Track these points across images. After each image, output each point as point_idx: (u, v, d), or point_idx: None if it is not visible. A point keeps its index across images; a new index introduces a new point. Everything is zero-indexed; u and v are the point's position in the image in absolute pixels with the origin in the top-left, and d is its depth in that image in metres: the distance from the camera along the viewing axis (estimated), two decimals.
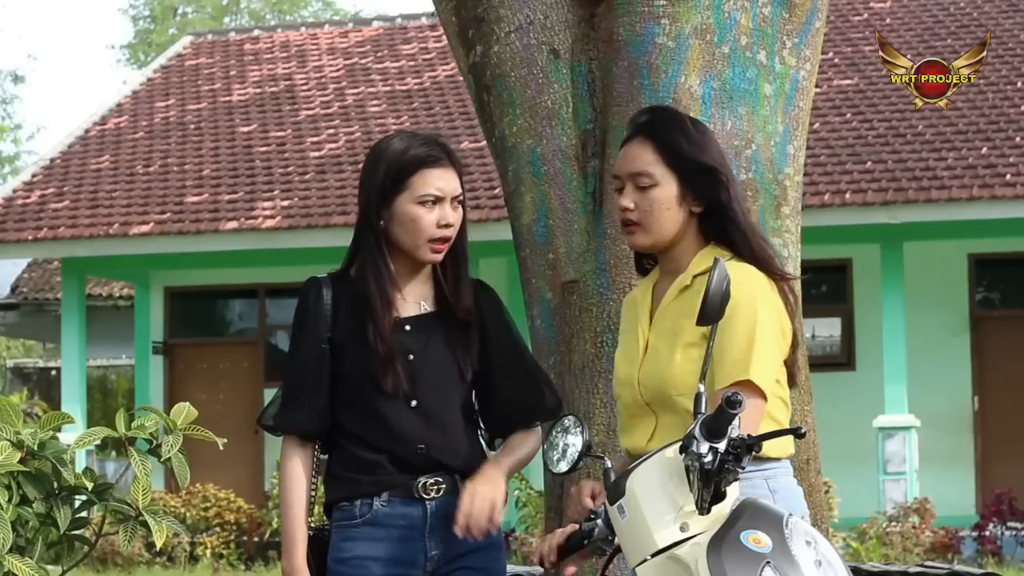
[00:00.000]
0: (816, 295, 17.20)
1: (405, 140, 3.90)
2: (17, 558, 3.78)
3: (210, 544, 16.32)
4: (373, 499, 3.83)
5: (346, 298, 3.88)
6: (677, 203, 3.57)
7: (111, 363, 29.17)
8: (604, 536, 3.30)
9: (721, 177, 3.57)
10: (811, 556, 3.04)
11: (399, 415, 3.82)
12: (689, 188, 3.57)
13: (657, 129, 3.61)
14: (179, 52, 22.55)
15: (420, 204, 3.82)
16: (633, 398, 3.59)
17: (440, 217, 3.82)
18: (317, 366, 3.88)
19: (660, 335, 3.58)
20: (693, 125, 3.65)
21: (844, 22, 19.46)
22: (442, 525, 3.80)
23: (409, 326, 3.86)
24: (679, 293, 3.58)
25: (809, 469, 4.30)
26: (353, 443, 3.88)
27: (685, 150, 3.58)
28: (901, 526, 15.10)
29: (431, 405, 3.83)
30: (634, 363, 3.60)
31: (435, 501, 3.82)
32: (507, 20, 4.50)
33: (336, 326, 3.87)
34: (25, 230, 17.86)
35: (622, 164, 3.63)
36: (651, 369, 3.56)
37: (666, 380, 3.51)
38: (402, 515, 3.82)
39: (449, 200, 3.83)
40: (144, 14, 44.41)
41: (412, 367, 3.83)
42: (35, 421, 3.99)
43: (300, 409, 3.90)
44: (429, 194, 3.81)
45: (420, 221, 3.82)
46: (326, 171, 18.05)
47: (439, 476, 3.82)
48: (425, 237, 3.83)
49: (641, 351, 3.60)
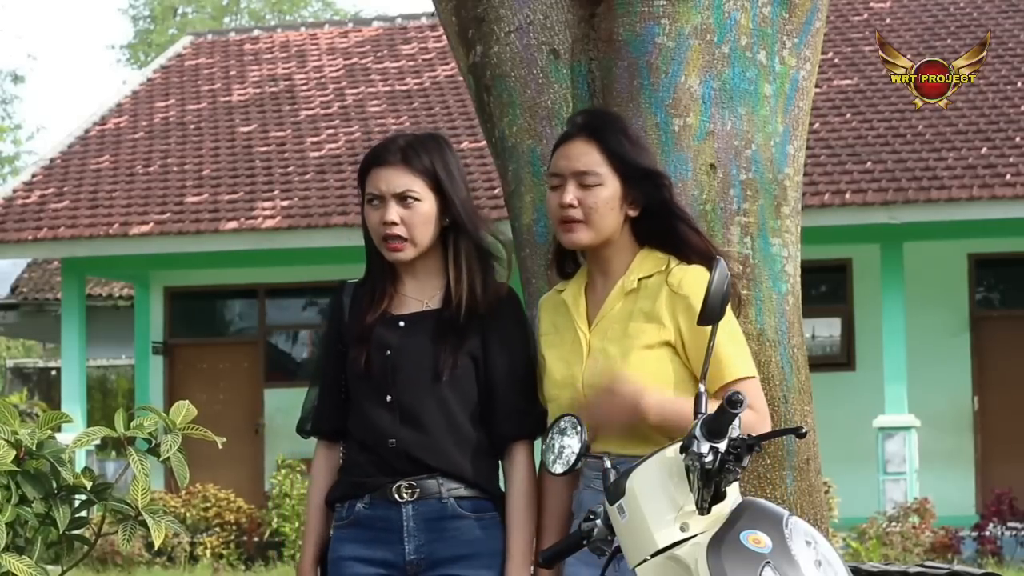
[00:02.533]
0: (816, 295, 17.19)
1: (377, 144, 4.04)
2: (16, 558, 3.78)
3: (210, 544, 16.32)
4: (357, 501, 3.87)
5: (359, 299, 3.96)
6: (619, 204, 3.69)
7: (111, 363, 29.17)
8: (603, 536, 3.29)
9: (663, 181, 3.72)
10: (811, 556, 3.04)
11: (375, 409, 3.85)
12: (630, 190, 3.68)
13: (601, 132, 3.73)
14: (179, 52, 22.55)
15: (368, 204, 3.92)
16: (573, 399, 3.64)
17: (382, 215, 3.88)
18: (331, 368, 3.97)
19: (608, 338, 3.64)
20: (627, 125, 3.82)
21: (844, 22, 19.46)
22: (422, 529, 3.80)
23: (403, 323, 3.90)
24: (624, 296, 3.65)
25: (809, 469, 4.29)
26: (350, 443, 3.94)
27: (628, 153, 3.70)
28: (901, 526, 15.10)
29: (405, 400, 3.84)
30: (574, 364, 3.67)
31: (411, 505, 3.81)
32: (507, 20, 4.50)
33: (347, 327, 3.96)
34: (25, 230, 17.86)
35: (565, 162, 3.73)
36: (600, 369, 3.61)
37: (619, 379, 3.57)
38: (381, 518, 3.84)
39: (391, 198, 3.86)
40: (144, 14, 44.42)
41: (389, 361, 3.85)
42: (34, 421, 3.98)
43: (319, 411, 4.00)
44: (370, 193, 3.91)
45: (369, 221, 3.93)
46: (326, 171, 18.05)
47: (413, 480, 3.81)
48: (377, 236, 3.90)
49: (584, 353, 3.65)
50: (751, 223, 4.27)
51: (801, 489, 4.24)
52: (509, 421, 3.87)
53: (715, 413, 3.05)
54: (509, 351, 3.88)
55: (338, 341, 3.95)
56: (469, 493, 3.84)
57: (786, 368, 4.25)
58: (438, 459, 3.82)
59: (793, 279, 4.37)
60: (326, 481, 3.96)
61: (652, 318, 3.59)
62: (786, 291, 4.32)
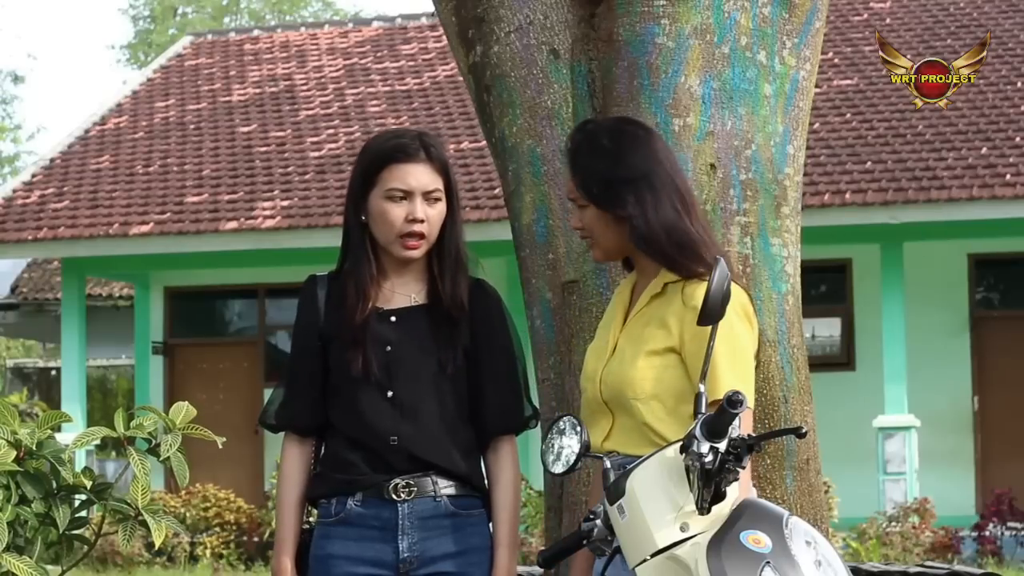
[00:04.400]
0: (816, 295, 17.19)
1: (385, 136, 3.95)
2: (16, 557, 3.78)
3: (210, 544, 16.32)
4: (348, 498, 3.83)
5: (337, 294, 3.90)
6: (606, 221, 3.65)
7: (111, 363, 29.17)
8: (603, 536, 3.29)
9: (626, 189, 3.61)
10: (811, 556, 3.04)
11: (374, 406, 3.82)
12: (604, 207, 3.64)
13: (572, 156, 3.72)
14: (179, 52, 22.55)
15: (388, 199, 3.84)
16: (594, 395, 3.66)
17: (408, 212, 3.82)
18: (311, 362, 3.91)
19: (628, 338, 3.65)
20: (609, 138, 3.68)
21: (844, 22, 19.45)
22: (416, 527, 3.80)
23: (394, 317, 3.87)
24: (650, 300, 3.65)
25: (809, 469, 4.29)
26: (335, 439, 3.89)
27: (589, 176, 3.65)
28: (901, 526, 15.10)
29: (407, 396, 3.82)
30: (601, 360, 3.67)
31: (407, 503, 3.80)
32: (507, 20, 4.50)
33: (327, 321, 3.90)
34: (25, 230, 17.86)
35: (568, 184, 3.75)
36: (614, 369, 3.62)
37: (625, 382, 3.58)
38: (375, 516, 3.81)
39: (420, 195, 3.83)
40: (144, 14, 44.42)
41: (389, 357, 3.83)
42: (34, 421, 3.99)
43: (295, 405, 3.92)
44: (395, 188, 3.83)
45: (387, 216, 3.84)
46: (326, 171, 18.05)
47: (411, 478, 3.80)
48: (394, 232, 3.84)
49: (610, 350, 3.66)
50: (751, 223, 4.27)
51: (801, 489, 4.24)
52: (498, 416, 3.89)
53: (715, 413, 3.05)
54: (498, 347, 3.90)
55: (315, 336, 3.90)
56: (459, 491, 3.85)
57: (786, 368, 4.26)
58: (437, 456, 3.81)
59: (793, 279, 4.37)
60: (300, 477, 3.90)
61: (663, 324, 3.59)
62: (786, 291, 4.32)
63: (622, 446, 3.60)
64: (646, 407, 3.58)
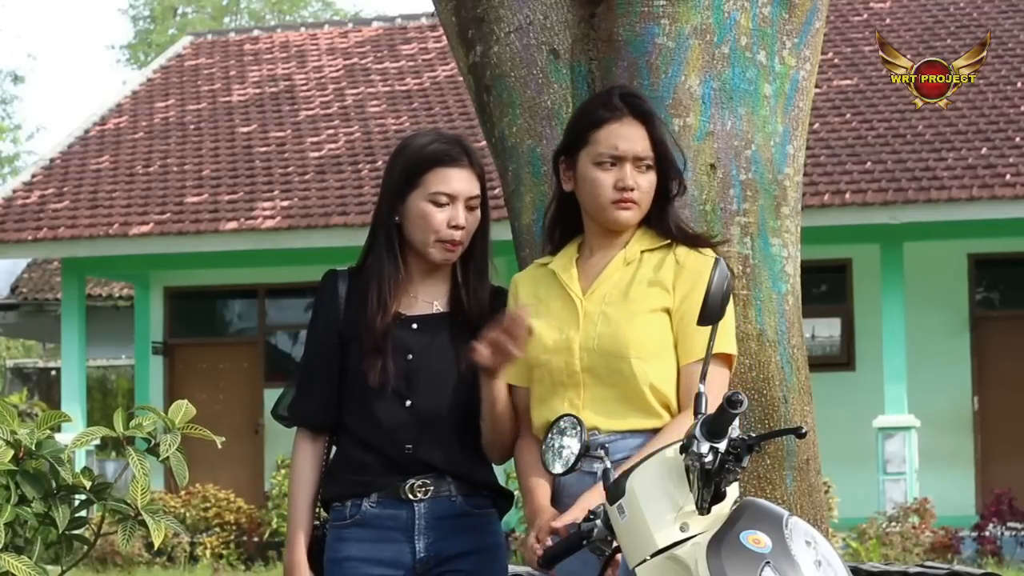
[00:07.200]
0: (816, 295, 17.19)
1: (427, 137, 3.90)
2: (16, 558, 3.78)
3: (210, 544, 16.32)
4: (362, 500, 3.82)
5: (357, 292, 3.87)
6: (652, 186, 3.76)
7: (111, 363, 29.18)
8: (603, 536, 3.29)
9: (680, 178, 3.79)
10: (811, 556, 3.04)
11: (392, 414, 3.80)
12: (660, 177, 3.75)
13: (649, 116, 3.76)
14: (179, 52, 22.55)
15: (432, 202, 3.81)
16: (568, 364, 3.65)
17: (451, 217, 3.80)
18: (327, 359, 3.88)
19: (609, 302, 3.67)
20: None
21: (844, 22, 19.46)
22: (432, 527, 3.79)
23: (416, 324, 3.84)
24: (625, 266, 3.70)
25: (809, 469, 4.29)
26: (348, 441, 3.87)
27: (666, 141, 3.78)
28: (901, 526, 15.10)
29: (426, 406, 3.80)
30: (569, 328, 3.67)
31: (423, 503, 3.79)
32: (507, 20, 4.50)
33: (345, 320, 3.87)
34: (25, 230, 17.86)
35: (626, 144, 3.73)
36: (603, 332, 3.63)
37: (624, 343, 3.60)
38: (391, 516, 3.80)
39: (463, 201, 3.82)
40: (144, 14, 44.41)
41: (409, 366, 3.81)
42: (34, 421, 3.98)
43: (310, 401, 3.89)
44: (441, 192, 3.80)
45: (430, 219, 3.80)
46: (326, 171, 18.05)
47: (427, 478, 3.80)
48: (434, 236, 3.81)
49: (580, 318, 3.66)
50: (751, 223, 4.27)
51: (801, 489, 4.24)
52: None
53: (715, 413, 3.05)
54: None
55: (334, 333, 3.87)
56: (473, 491, 3.85)
57: (786, 368, 4.25)
58: (452, 464, 3.81)
59: (793, 279, 4.37)
60: (313, 475, 3.88)
61: (656, 284, 3.65)
62: (786, 291, 4.32)
63: (602, 420, 3.61)
64: (649, 366, 3.60)
